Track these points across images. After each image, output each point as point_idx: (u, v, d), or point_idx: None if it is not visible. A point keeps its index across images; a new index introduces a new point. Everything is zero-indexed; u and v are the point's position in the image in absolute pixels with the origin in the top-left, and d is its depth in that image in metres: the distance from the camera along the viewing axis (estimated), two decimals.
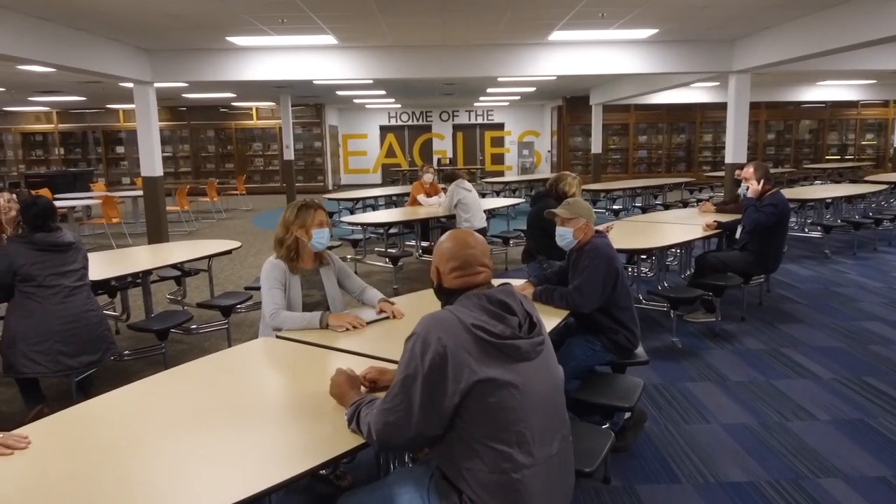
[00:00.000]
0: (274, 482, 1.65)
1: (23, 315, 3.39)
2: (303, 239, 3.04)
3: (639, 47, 8.75)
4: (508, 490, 1.66)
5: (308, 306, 3.04)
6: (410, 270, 7.78)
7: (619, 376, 3.10)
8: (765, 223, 4.95)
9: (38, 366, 3.37)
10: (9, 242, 3.51)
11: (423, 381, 1.67)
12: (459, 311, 1.73)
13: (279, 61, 8.69)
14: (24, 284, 3.40)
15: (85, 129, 18.94)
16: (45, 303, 3.41)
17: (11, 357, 3.37)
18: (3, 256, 3.41)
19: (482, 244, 1.91)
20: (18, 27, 6.18)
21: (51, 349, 3.38)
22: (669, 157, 19.17)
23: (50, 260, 3.47)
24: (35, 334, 3.37)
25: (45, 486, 1.67)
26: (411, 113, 21.52)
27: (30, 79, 10.84)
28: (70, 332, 3.45)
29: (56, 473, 1.73)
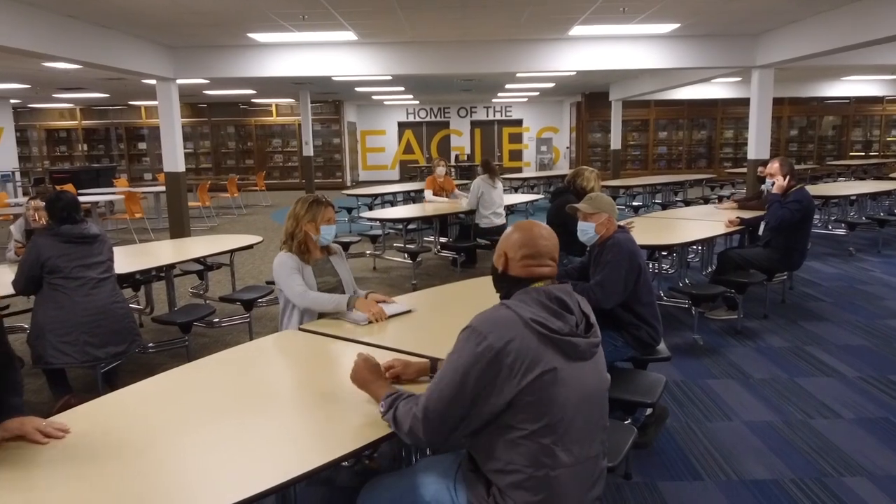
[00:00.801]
0: (296, 473, 1.65)
1: (51, 307, 3.45)
2: (311, 233, 3.12)
3: (660, 42, 8.67)
4: (543, 487, 1.65)
5: (328, 292, 3.10)
6: (429, 266, 7.79)
7: (640, 372, 3.09)
8: (790, 220, 4.89)
9: (65, 356, 3.43)
10: (36, 235, 3.58)
11: (476, 377, 1.64)
12: (517, 307, 1.70)
13: (299, 58, 8.74)
14: (51, 276, 3.46)
15: (108, 125, 19.20)
16: (72, 294, 3.47)
17: (40, 348, 3.43)
18: (31, 249, 3.48)
19: (554, 239, 1.87)
20: (45, 24, 6.28)
21: (78, 340, 3.43)
22: (690, 154, 18.99)
23: (76, 252, 3.53)
24: (62, 325, 3.42)
25: (73, 474, 1.70)
26: (429, 109, 21.53)
27: (54, 76, 11.01)
28: (96, 323, 3.50)
29: (84, 463, 1.75)
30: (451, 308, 3.27)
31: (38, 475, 1.71)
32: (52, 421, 1.92)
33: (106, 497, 1.59)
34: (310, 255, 3.15)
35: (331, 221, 3.16)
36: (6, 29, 5.74)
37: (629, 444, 2.31)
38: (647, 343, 3.28)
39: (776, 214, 4.91)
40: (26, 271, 3.48)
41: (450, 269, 7.58)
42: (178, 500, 1.59)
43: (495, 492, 1.69)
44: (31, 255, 3.47)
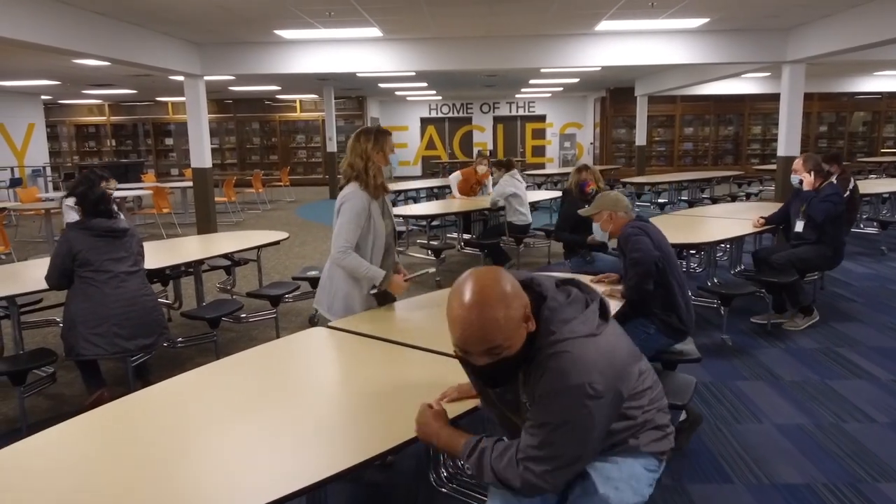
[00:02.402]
0: (328, 474, 1.65)
1: (82, 299, 3.49)
2: (380, 164, 3.04)
3: (689, 37, 8.55)
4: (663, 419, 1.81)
5: (388, 235, 3.13)
6: (452, 263, 7.79)
7: (670, 374, 3.05)
8: (836, 212, 4.77)
9: (96, 348, 3.47)
10: (68, 229, 3.63)
11: (598, 423, 1.57)
12: (573, 344, 1.56)
13: (325, 54, 8.77)
14: (82, 269, 3.51)
15: (135, 121, 19.47)
16: (101, 287, 3.51)
17: (72, 340, 3.48)
18: (63, 242, 3.53)
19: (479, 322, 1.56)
20: (76, 22, 6.38)
21: (108, 331, 3.48)
22: (716, 150, 18.72)
23: (106, 246, 3.57)
24: (93, 317, 3.47)
25: (101, 472, 1.71)
26: (452, 105, 21.49)
27: (84, 72, 11.19)
28: (125, 315, 3.54)
29: (113, 461, 1.76)
30: None
31: (66, 473, 1.71)
32: None
33: (135, 496, 1.59)
34: (380, 192, 3.08)
35: (394, 149, 3.15)
36: (39, 26, 5.84)
37: None
38: (678, 329, 3.27)
39: (821, 209, 4.76)
40: (59, 265, 3.53)
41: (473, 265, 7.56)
42: (208, 500, 1.60)
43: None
44: (62, 248, 3.52)
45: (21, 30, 5.58)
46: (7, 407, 3.86)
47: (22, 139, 14.96)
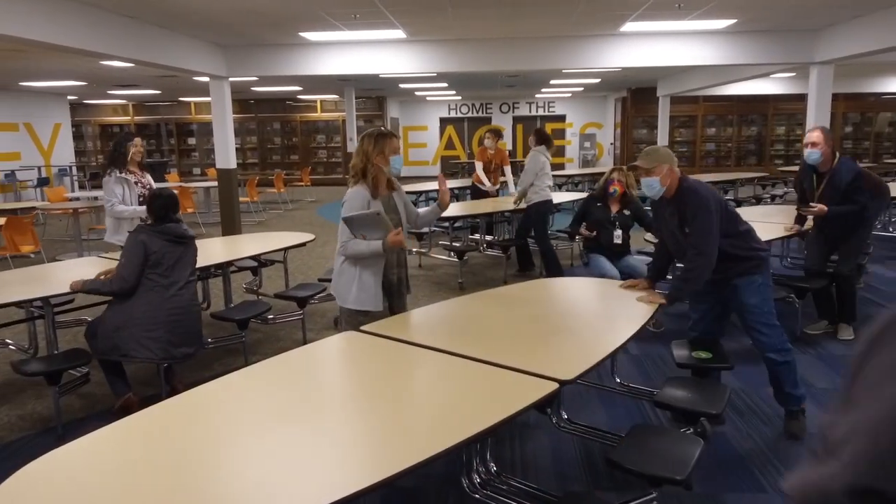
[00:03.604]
0: (363, 485, 1.62)
1: (141, 301, 3.47)
2: (381, 165, 3.18)
3: (715, 38, 8.46)
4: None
5: (387, 229, 3.17)
6: (475, 265, 7.79)
7: (703, 381, 3.03)
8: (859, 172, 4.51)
9: (147, 351, 3.45)
10: (138, 231, 3.60)
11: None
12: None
13: (348, 56, 8.80)
14: (149, 271, 3.49)
15: (159, 121, 19.69)
16: (163, 292, 3.51)
17: (119, 340, 3.44)
18: (137, 244, 3.50)
19: None
20: (104, 25, 6.46)
21: (161, 337, 3.47)
22: (739, 151, 18.52)
23: (174, 251, 3.60)
24: (150, 321, 3.45)
25: (131, 482, 1.71)
26: (471, 105, 21.47)
27: (110, 73, 11.33)
28: (178, 322, 3.54)
29: (144, 469, 1.76)
30: (512, 311, 3.27)
31: (102, 481, 1.72)
32: None
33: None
34: (379, 191, 3.22)
35: (397, 151, 3.23)
36: (68, 30, 5.92)
37: (697, 455, 2.27)
38: (767, 260, 3.36)
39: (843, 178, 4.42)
40: (137, 265, 3.46)
41: (495, 267, 7.56)
42: None
43: None
44: (137, 249, 3.47)
45: (51, 33, 5.66)
46: (41, 406, 3.93)
47: (48, 139, 15.19)
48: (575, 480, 2.96)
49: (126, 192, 4.69)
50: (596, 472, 3.01)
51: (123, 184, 4.69)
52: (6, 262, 7.33)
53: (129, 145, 4.73)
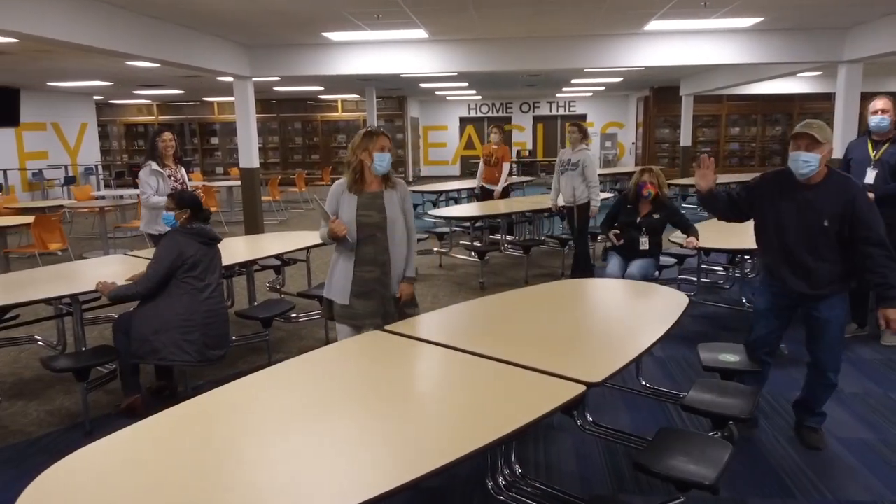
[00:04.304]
0: (387, 488, 1.62)
1: (179, 304, 3.48)
2: (366, 162, 3.18)
3: (741, 36, 8.35)
4: None
5: (365, 226, 3.19)
6: (495, 265, 7.77)
7: (731, 384, 2.98)
8: None
9: (185, 354, 3.46)
10: (175, 233, 3.59)
11: None
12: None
13: (370, 56, 8.83)
14: (186, 274, 3.50)
15: (182, 120, 19.92)
16: (197, 295, 3.53)
17: (157, 343, 3.43)
18: (173, 246, 3.50)
19: None
20: (131, 26, 6.54)
21: (198, 339, 3.48)
22: (764, 151, 18.27)
23: (208, 253, 3.62)
24: (187, 324, 3.46)
25: (149, 483, 1.71)
26: (491, 104, 21.43)
27: (136, 73, 11.48)
28: (212, 325, 3.56)
29: (181, 466, 1.78)
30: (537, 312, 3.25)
31: (128, 481, 1.72)
32: None
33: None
34: (363, 186, 3.21)
35: (384, 149, 3.18)
36: (95, 30, 6.00)
37: (726, 459, 2.24)
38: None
39: None
40: (167, 267, 3.47)
41: (516, 267, 7.53)
42: None
43: None
44: (171, 252, 3.47)
45: (78, 34, 5.75)
46: (69, 401, 3.99)
47: (75, 138, 15.44)
48: (599, 484, 2.94)
49: (160, 184, 4.87)
50: (620, 476, 2.99)
51: (158, 176, 4.89)
52: (34, 260, 7.46)
53: (157, 140, 4.94)
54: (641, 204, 5.00)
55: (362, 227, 3.19)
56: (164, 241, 3.59)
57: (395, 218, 3.23)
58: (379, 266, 3.22)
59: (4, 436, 3.55)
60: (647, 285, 3.81)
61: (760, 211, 3.14)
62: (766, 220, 3.13)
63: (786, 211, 3.01)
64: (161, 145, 4.92)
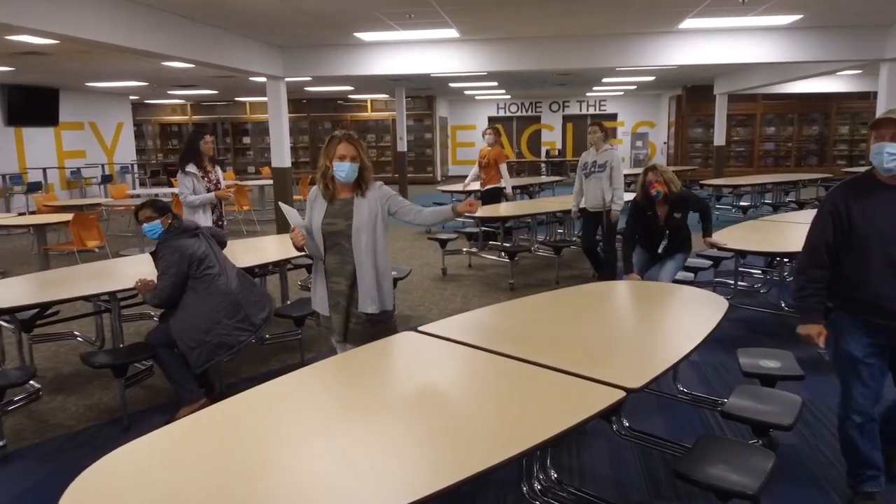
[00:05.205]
0: (428, 491, 1.60)
1: (217, 295, 3.55)
2: (329, 168, 3.02)
3: (778, 34, 8.18)
4: None
5: (329, 235, 3.04)
6: (525, 265, 7.72)
7: (774, 391, 2.91)
8: None
9: (244, 332, 3.61)
10: (167, 241, 3.60)
11: None
12: None
13: (401, 55, 8.85)
14: (201, 270, 3.55)
15: (215, 120, 20.19)
16: (219, 280, 3.62)
17: (215, 339, 3.48)
18: (174, 252, 3.53)
19: None
20: (168, 26, 6.64)
21: (247, 316, 3.63)
22: (800, 151, 17.88)
23: (202, 243, 3.67)
24: (232, 307, 3.58)
25: (205, 479, 1.72)
26: (520, 104, 21.33)
27: (171, 74, 11.67)
28: (246, 296, 3.69)
29: (201, 472, 1.77)
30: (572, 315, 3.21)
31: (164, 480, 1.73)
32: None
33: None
34: (334, 193, 3.05)
35: (344, 158, 2.95)
36: (133, 32, 6.11)
37: (769, 469, 2.18)
38: None
39: None
40: (181, 273, 3.51)
41: (547, 268, 7.48)
42: None
43: None
44: (176, 257, 3.50)
45: (116, 35, 5.86)
46: (107, 396, 4.06)
47: (111, 137, 15.77)
48: (635, 490, 2.89)
49: (195, 185, 5.12)
50: (657, 482, 2.94)
51: (193, 178, 5.13)
52: (73, 257, 7.63)
53: (200, 143, 5.20)
54: (657, 207, 4.67)
55: (327, 236, 3.04)
56: (163, 252, 3.57)
57: (361, 226, 2.99)
58: (345, 277, 3.03)
59: (44, 430, 3.63)
60: (683, 288, 3.74)
61: (851, 234, 2.55)
62: (861, 241, 2.53)
63: (887, 218, 2.48)
64: (204, 147, 5.20)
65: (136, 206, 3.83)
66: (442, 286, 6.81)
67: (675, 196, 4.60)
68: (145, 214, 3.62)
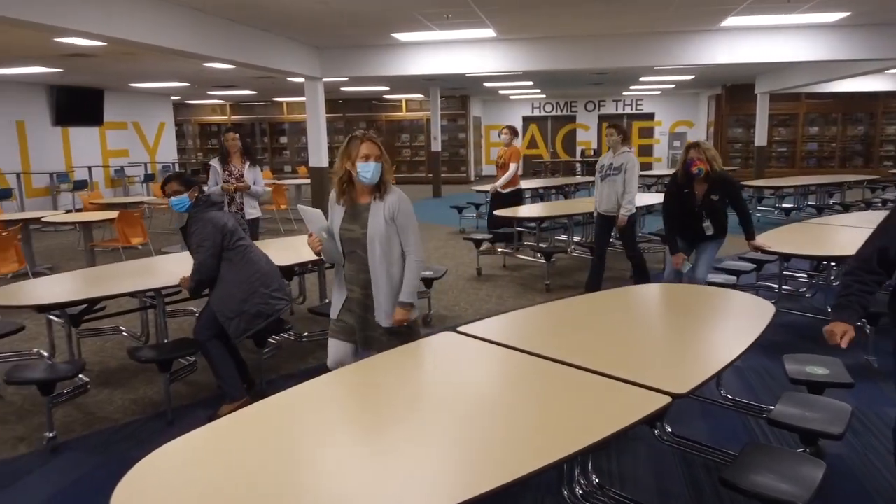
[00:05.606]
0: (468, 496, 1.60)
1: (250, 266, 3.61)
2: (352, 171, 2.84)
3: (825, 32, 7.97)
4: None
5: (346, 241, 2.92)
6: (561, 266, 7.66)
7: (823, 399, 2.83)
8: None
9: (280, 301, 3.67)
10: (198, 214, 3.61)
11: None
12: None
13: (437, 55, 8.87)
14: (233, 241, 3.59)
15: (253, 120, 20.53)
16: (255, 251, 3.71)
17: (252, 308, 3.53)
18: (206, 223, 3.54)
19: None
20: (210, 28, 6.78)
21: (280, 286, 3.72)
22: (844, 151, 17.39)
23: (228, 216, 3.75)
24: (267, 277, 3.65)
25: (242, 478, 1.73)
26: (555, 103, 21.18)
27: (212, 74, 11.89)
28: (273, 269, 3.77)
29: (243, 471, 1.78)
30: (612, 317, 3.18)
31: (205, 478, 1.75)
32: None
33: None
34: (354, 197, 2.90)
35: (368, 158, 2.79)
36: (177, 33, 6.25)
37: (820, 479, 2.13)
38: None
39: None
40: (216, 245, 3.52)
41: (583, 270, 7.40)
42: None
43: None
44: (210, 229, 3.52)
45: (161, 36, 6.00)
46: (152, 391, 4.15)
47: (154, 137, 16.14)
48: (678, 497, 2.84)
49: (214, 178, 5.62)
50: (700, 489, 2.88)
51: (214, 172, 5.64)
52: (118, 254, 7.83)
53: (222, 139, 5.74)
54: (696, 185, 4.53)
55: (345, 243, 2.93)
56: (195, 226, 3.56)
57: (375, 234, 2.84)
58: (360, 286, 2.91)
59: (92, 422, 3.73)
60: (727, 292, 3.66)
61: None
62: None
63: None
64: (227, 143, 5.62)
65: (163, 178, 3.86)
66: (477, 286, 6.80)
67: (715, 175, 4.47)
68: (172, 188, 3.60)
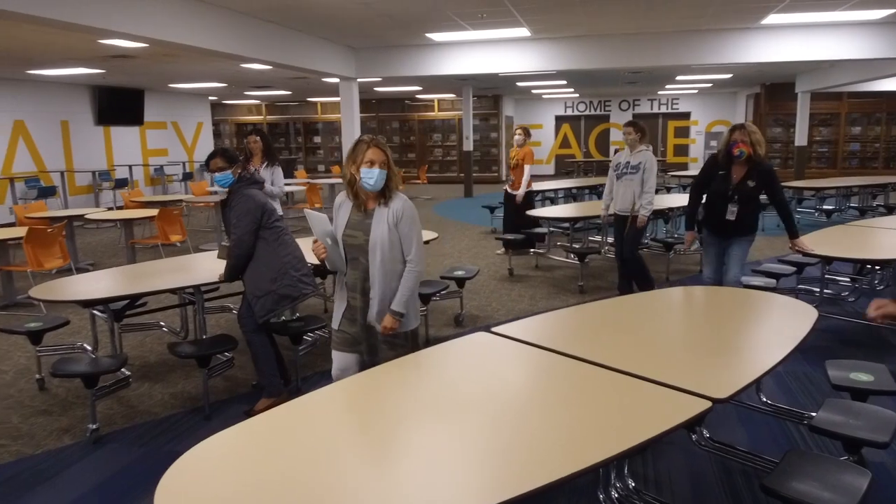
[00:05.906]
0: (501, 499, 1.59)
1: (282, 248, 3.65)
2: (354, 175, 2.78)
3: (869, 29, 7.75)
4: None
5: (349, 248, 2.87)
6: (595, 267, 7.60)
7: (865, 406, 2.76)
8: None
9: (308, 286, 3.71)
10: (241, 190, 3.64)
11: None
12: None
13: (471, 55, 8.87)
14: (271, 221, 3.64)
15: (288, 120, 20.79)
16: (286, 234, 3.74)
17: (282, 290, 3.57)
18: (247, 199, 3.59)
19: None
20: (249, 30, 6.88)
21: (308, 272, 3.75)
22: (888, 152, 16.88)
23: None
24: (297, 261, 3.69)
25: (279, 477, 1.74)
26: (588, 102, 21.00)
27: (248, 75, 12.08)
28: (301, 256, 3.79)
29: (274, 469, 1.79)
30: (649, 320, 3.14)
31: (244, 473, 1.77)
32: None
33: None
34: (361, 202, 2.83)
35: (373, 164, 2.73)
36: (217, 35, 6.36)
37: (864, 489, 2.07)
38: None
39: None
40: (255, 221, 3.54)
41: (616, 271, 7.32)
42: None
43: None
44: (252, 206, 3.55)
45: (201, 38, 6.12)
46: (190, 385, 4.24)
47: (192, 136, 16.47)
48: (715, 503, 2.80)
49: None
50: (738, 497, 2.83)
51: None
52: (157, 250, 8.01)
53: (245, 142, 5.82)
54: (734, 168, 4.38)
55: (347, 249, 2.88)
56: (237, 200, 3.59)
57: (377, 241, 2.79)
58: (361, 294, 2.85)
59: (132, 415, 3.82)
60: (768, 295, 3.59)
61: None
62: None
63: None
64: (249, 146, 5.70)
65: (208, 154, 3.88)
66: (509, 287, 6.78)
67: (758, 159, 4.33)
68: (216, 164, 3.63)
